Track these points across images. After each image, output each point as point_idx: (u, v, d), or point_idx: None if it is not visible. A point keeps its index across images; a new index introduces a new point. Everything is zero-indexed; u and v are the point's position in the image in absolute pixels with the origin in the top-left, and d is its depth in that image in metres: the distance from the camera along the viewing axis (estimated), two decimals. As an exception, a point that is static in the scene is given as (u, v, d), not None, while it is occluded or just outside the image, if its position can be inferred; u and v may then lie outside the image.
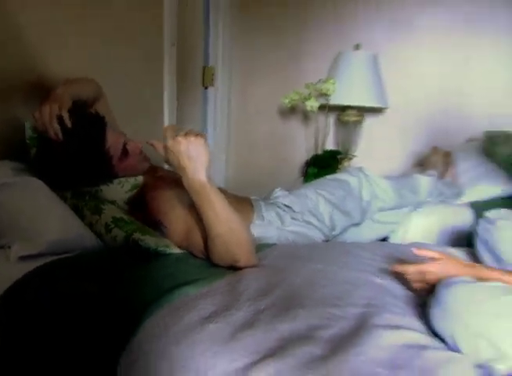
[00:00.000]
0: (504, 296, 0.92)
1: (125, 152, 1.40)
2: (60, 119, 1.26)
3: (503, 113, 2.44)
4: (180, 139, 1.13)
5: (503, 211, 1.31)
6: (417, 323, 1.00)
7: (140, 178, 1.44)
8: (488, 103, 2.50)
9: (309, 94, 2.43)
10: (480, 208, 1.75)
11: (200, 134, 1.16)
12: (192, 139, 1.14)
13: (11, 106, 1.44)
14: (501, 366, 0.88)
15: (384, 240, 1.82)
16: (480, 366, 0.88)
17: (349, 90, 2.42)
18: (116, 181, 1.41)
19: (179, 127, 1.19)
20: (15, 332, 1.03)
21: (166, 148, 1.15)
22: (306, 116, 2.75)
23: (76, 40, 1.69)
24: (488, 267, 1.15)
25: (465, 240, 1.60)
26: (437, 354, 0.88)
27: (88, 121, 1.36)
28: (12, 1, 1.44)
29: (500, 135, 2.14)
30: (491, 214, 1.30)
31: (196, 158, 1.14)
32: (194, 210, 1.22)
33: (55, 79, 1.56)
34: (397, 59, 2.61)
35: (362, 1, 2.65)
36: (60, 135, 1.28)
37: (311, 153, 2.64)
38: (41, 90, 1.50)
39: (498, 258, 1.25)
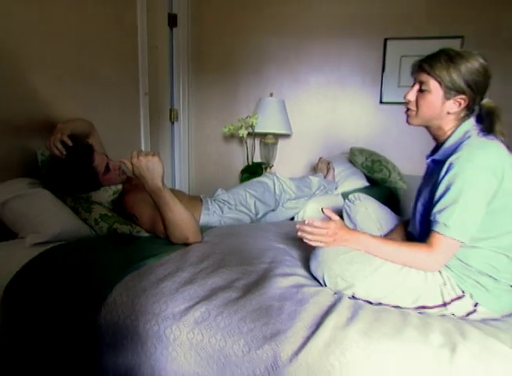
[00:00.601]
0: (353, 251, 0.96)
1: (108, 168, 1.36)
2: (63, 142, 1.24)
3: (361, 137, 2.59)
4: (141, 157, 1.11)
5: (360, 195, 1.31)
6: (302, 272, 1.03)
7: (119, 187, 1.39)
8: (352, 131, 2.64)
9: (241, 125, 2.44)
10: (347, 196, 1.85)
11: (156, 153, 1.15)
12: (150, 157, 1.12)
13: (26, 138, 1.37)
14: (347, 292, 0.94)
15: (291, 219, 1.83)
16: (336, 293, 0.93)
17: (267, 122, 2.44)
18: (102, 188, 1.37)
19: (141, 151, 1.17)
20: (29, 288, 0.97)
21: (132, 164, 1.13)
22: (240, 140, 2.74)
23: (72, 89, 1.61)
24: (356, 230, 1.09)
25: (339, 215, 1.63)
26: (311, 289, 0.92)
27: (80, 147, 1.31)
28: (27, 59, 1.36)
29: (358, 150, 2.25)
30: (351, 196, 1.32)
31: (152, 170, 1.12)
32: (156, 206, 1.20)
33: (57, 119, 1.49)
34: (296, 102, 2.67)
35: (275, 65, 2.68)
36: (64, 153, 1.24)
37: (245, 164, 2.64)
38: (47, 127, 1.44)
39: (355, 225, 1.25)
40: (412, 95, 0.95)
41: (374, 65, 2.57)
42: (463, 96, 0.90)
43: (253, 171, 2.48)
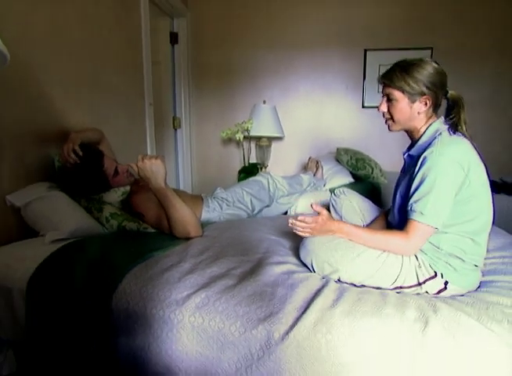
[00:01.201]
0: (337, 239, 0.96)
1: (117, 172, 1.36)
2: (74, 151, 1.23)
3: (346, 138, 2.60)
4: (145, 161, 1.11)
5: (345, 189, 1.31)
6: (293, 260, 1.03)
7: (127, 188, 1.39)
8: (337, 133, 2.64)
9: (238, 130, 2.43)
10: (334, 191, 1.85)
11: (158, 156, 1.14)
12: (153, 160, 1.12)
13: (45, 146, 1.36)
14: (333, 277, 0.94)
15: (285, 214, 1.81)
16: (323, 277, 0.94)
17: (261, 127, 2.44)
18: (112, 190, 1.37)
19: (146, 155, 1.17)
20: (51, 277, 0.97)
21: (138, 167, 1.13)
22: (237, 143, 2.74)
23: (85, 101, 1.61)
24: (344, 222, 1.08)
25: (327, 208, 1.61)
26: (300, 275, 0.92)
27: (92, 154, 1.31)
28: (48, 75, 1.36)
29: (343, 150, 2.25)
30: (337, 191, 1.32)
31: (156, 172, 1.12)
32: (160, 204, 1.20)
33: (72, 128, 1.48)
34: (287, 108, 2.67)
35: (268, 75, 2.68)
36: (77, 161, 1.23)
37: (242, 165, 2.64)
38: (63, 136, 1.43)
39: (340, 217, 1.25)
40: (384, 107, 0.99)
41: (356, 73, 2.58)
42: (426, 96, 0.92)
43: (249, 171, 2.47)
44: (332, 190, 1.85)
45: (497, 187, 2.00)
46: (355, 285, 0.93)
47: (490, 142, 2.48)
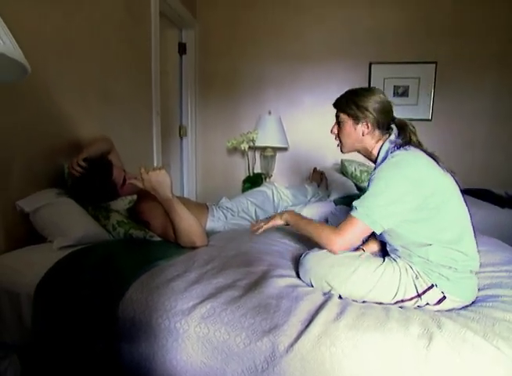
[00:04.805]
0: (333, 257, 0.98)
1: (124, 181, 1.37)
2: (79, 165, 1.26)
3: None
4: (150, 173, 1.12)
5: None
6: (295, 274, 1.04)
7: (134, 197, 1.41)
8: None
9: (243, 140, 2.46)
10: (338, 202, 1.86)
11: (162, 166, 1.15)
12: (157, 172, 1.13)
13: (54, 154, 1.39)
14: (334, 293, 0.95)
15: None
16: (324, 294, 0.94)
17: (266, 137, 2.47)
18: (119, 198, 1.38)
19: (147, 167, 1.17)
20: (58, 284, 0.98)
21: (143, 180, 1.14)
22: (242, 153, 2.77)
23: (95, 110, 1.64)
24: None
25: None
26: (304, 289, 0.92)
27: (102, 164, 1.33)
28: (58, 85, 1.39)
29: (347, 161, 2.26)
30: (337, 203, 1.38)
31: (162, 183, 1.13)
32: (166, 214, 1.22)
33: (81, 136, 1.52)
34: (292, 119, 2.70)
35: (273, 86, 2.72)
36: (82, 173, 1.25)
37: (246, 175, 2.65)
38: (72, 144, 1.46)
39: None
40: (334, 129, 1.10)
41: (360, 86, 2.58)
42: (367, 119, 1.02)
43: (254, 181, 2.50)
44: (337, 201, 1.88)
45: (502, 202, 2.00)
46: (356, 301, 0.93)
47: (492, 152, 2.50)
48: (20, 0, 1.19)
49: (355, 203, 0.94)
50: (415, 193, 0.89)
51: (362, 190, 2.19)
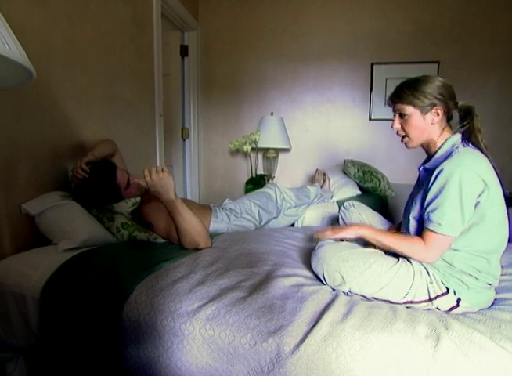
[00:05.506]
0: (349, 249, 0.97)
1: (128, 184, 1.38)
2: (82, 169, 1.26)
3: (353, 150, 2.62)
4: (153, 176, 1.12)
5: (354, 202, 1.33)
6: (302, 272, 1.03)
7: (138, 199, 1.41)
8: (344, 145, 2.66)
9: (245, 141, 2.46)
10: (342, 203, 1.85)
11: (164, 168, 1.15)
12: (161, 174, 1.12)
13: (59, 157, 1.40)
14: (344, 288, 0.94)
15: (292, 225, 1.82)
16: (333, 289, 0.94)
17: (268, 138, 2.46)
18: (123, 201, 1.39)
19: (151, 168, 1.15)
20: (64, 285, 0.99)
21: (146, 182, 1.14)
22: (244, 154, 2.77)
23: (99, 112, 1.65)
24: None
25: (336, 220, 1.61)
26: (310, 288, 0.92)
27: (106, 167, 1.33)
28: (63, 88, 1.40)
29: (350, 162, 2.25)
30: (346, 203, 1.34)
31: (165, 185, 1.13)
32: (170, 216, 1.22)
33: (85, 139, 1.53)
34: (294, 120, 2.70)
35: (275, 87, 2.73)
36: (85, 177, 1.26)
37: (249, 176, 2.65)
38: (77, 147, 1.47)
39: None
40: (397, 124, 1.00)
41: (363, 86, 2.61)
42: (437, 107, 0.94)
43: (256, 182, 2.49)
44: (340, 203, 1.87)
45: (506, 202, 1.98)
46: (365, 297, 0.93)
47: (496, 153, 2.47)
48: (27, 6, 1.20)
49: (433, 216, 0.86)
50: (482, 192, 0.85)
51: (365, 191, 2.19)
